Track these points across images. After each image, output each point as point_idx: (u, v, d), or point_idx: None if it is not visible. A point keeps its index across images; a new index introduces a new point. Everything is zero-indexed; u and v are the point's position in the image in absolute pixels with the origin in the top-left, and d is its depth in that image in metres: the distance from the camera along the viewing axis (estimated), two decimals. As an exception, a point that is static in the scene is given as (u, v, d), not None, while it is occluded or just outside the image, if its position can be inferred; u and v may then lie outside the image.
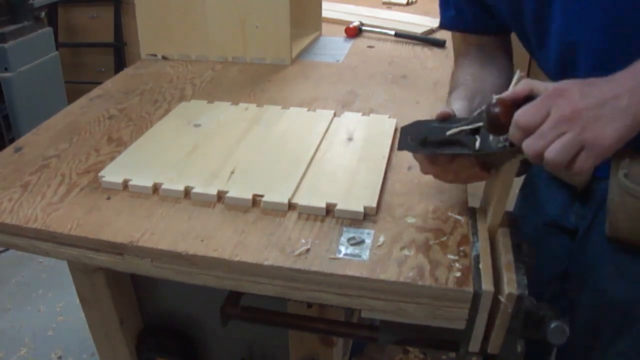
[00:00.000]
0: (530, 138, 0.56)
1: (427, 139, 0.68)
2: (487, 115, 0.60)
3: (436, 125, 0.67)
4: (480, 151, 0.63)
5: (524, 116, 0.57)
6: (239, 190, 0.79)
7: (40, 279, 2.05)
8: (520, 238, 0.72)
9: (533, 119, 0.56)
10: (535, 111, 0.56)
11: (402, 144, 0.72)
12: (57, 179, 0.85)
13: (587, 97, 0.55)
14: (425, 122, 0.70)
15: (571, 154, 0.55)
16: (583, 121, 0.54)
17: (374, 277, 0.64)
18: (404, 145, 0.72)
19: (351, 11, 1.86)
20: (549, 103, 0.56)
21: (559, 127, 0.55)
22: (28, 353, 1.74)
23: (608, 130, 0.54)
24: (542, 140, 0.56)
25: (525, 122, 0.56)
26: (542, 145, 0.56)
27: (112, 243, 0.70)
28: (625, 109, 0.54)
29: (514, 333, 0.63)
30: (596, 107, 0.54)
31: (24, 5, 2.32)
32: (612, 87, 0.55)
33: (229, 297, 0.88)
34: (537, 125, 0.56)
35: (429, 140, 0.68)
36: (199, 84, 1.24)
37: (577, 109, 0.54)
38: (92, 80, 2.76)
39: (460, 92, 0.79)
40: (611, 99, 0.54)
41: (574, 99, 0.55)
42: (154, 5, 1.37)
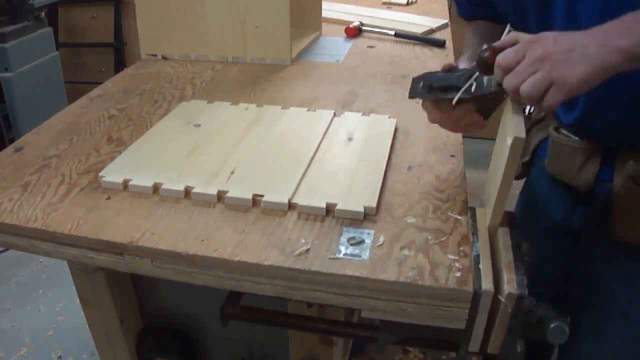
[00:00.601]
0: (509, 75, 0.64)
1: (432, 85, 0.77)
2: (477, 59, 0.70)
3: (441, 75, 0.77)
4: (475, 93, 0.72)
5: (504, 57, 0.65)
6: (239, 190, 0.79)
7: (40, 279, 2.05)
8: (520, 238, 0.72)
9: (511, 60, 0.64)
10: (514, 53, 0.64)
11: (413, 91, 0.81)
12: (57, 179, 0.85)
13: (559, 43, 0.62)
14: (433, 73, 0.80)
15: (542, 89, 0.62)
16: (553, 61, 0.61)
17: (374, 277, 0.64)
18: (414, 92, 0.80)
19: (351, 11, 1.86)
20: (526, 47, 0.64)
21: (532, 66, 0.62)
22: (28, 353, 1.74)
23: (575, 70, 0.60)
24: (517, 76, 0.63)
25: (505, 62, 0.65)
26: (517, 80, 0.63)
27: (112, 243, 0.70)
28: (592, 55, 0.60)
29: (514, 333, 0.63)
30: (566, 51, 0.61)
31: (24, 5, 2.32)
32: (583, 37, 0.62)
33: (229, 297, 0.88)
34: (514, 65, 0.64)
35: (434, 87, 0.77)
36: (199, 84, 1.24)
37: (549, 51, 0.62)
38: (92, 80, 2.76)
39: (468, 54, 0.89)
40: (580, 46, 0.61)
41: (547, 44, 0.62)
42: (154, 5, 1.37)
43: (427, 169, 0.87)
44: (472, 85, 0.72)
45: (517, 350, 0.65)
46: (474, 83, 0.72)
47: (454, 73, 0.76)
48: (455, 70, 0.78)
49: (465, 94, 0.72)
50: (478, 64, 0.70)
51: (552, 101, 0.62)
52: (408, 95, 0.81)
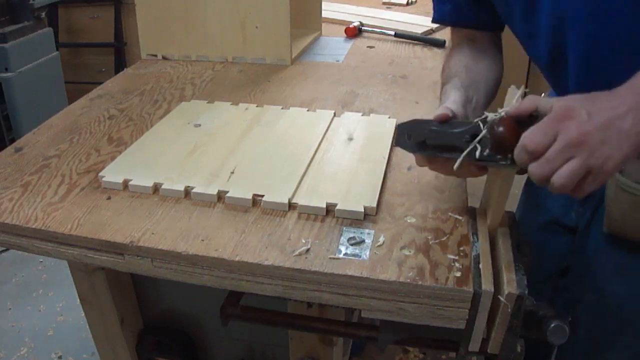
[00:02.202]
0: (538, 162, 0.56)
1: (426, 142, 0.68)
2: (490, 134, 0.60)
3: (436, 129, 0.67)
4: (482, 160, 0.63)
5: (532, 140, 0.56)
6: (239, 190, 0.79)
7: (40, 278, 2.05)
8: (520, 238, 0.72)
9: (541, 144, 0.56)
10: (544, 134, 0.56)
11: (400, 141, 0.72)
12: (57, 179, 0.85)
13: (593, 118, 0.54)
14: (423, 122, 0.70)
15: (578, 180, 0.55)
16: (590, 146, 0.54)
17: (374, 277, 0.64)
18: (402, 143, 0.72)
19: (351, 11, 1.86)
20: (556, 126, 0.55)
21: (566, 152, 0.54)
22: (28, 353, 1.74)
23: (614, 155, 0.54)
24: (549, 164, 0.55)
25: (534, 147, 0.56)
26: (549, 170, 0.56)
27: (112, 243, 0.70)
28: (630, 131, 0.54)
29: (514, 333, 0.63)
30: (602, 130, 0.54)
31: (25, 6, 2.32)
32: (616, 105, 0.55)
33: (229, 297, 0.88)
34: (545, 149, 0.56)
35: (428, 144, 0.68)
36: (199, 84, 1.24)
37: (585, 131, 0.54)
38: (92, 81, 2.76)
39: (455, 82, 0.80)
40: (616, 119, 0.54)
41: (581, 121, 0.54)
42: (154, 6, 1.37)
43: (427, 169, 0.87)
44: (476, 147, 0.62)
45: (517, 350, 0.65)
46: (478, 147, 0.62)
47: (452, 128, 0.65)
48: (452, 124, 0.66)
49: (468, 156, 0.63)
50: (491, 140, 0.60)
51: (588, 190, 0.56)
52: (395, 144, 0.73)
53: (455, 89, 0.77)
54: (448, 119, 0.68)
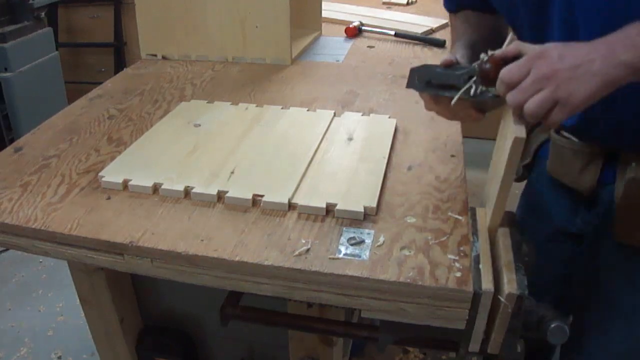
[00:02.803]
0: (513, 91, 0.63)
1: (431, 81, 0.76)
2: (479, 70, 0.69)
3: (440, 71, 0.76)
4: (475, 97, 0.71)
5: (508, 73, 0.64)
6: (239, 190, 0.79)
7: (40, 279, 2.05)
8: (520, 238, 0.72)
9: (515, 76, 0.63)
10: (518, 69, 0.63)
11: (410, 83, 0.80)
12: (57, 179, 0.85)
13: (564, 59, 0.61)
14: (432, 66, 0.78)
15: (546, 108, 0.61)
16: (558, 80, 0.60)
17: (374, 277, 0.64)
18: (411, 84, 0.79)
19: (351, 11, 1.86)
20: (531, 63, 0.62)
21: (537, 84, 0.61)
22: (28, 353, 1.74)
23: (579, 90, 0.59)
24: (522, 94, 0.62)
25: (509, 78, 0.63)
26: (522, 98, 0.62)
27: (112, 243, 0.70)
28: (596, 72, 0.59)
29: (514, 333, 0.63)
30: (571, 69, 0.60)
31: (24, 6, 2.32)
32: (588, 52, 0.61)
33: (229, 297, 0.88)
34: (519, 81, 0.63)
35: (433, 83, 0.76)
36: (199, 84, 1.24)
37: (554, 69, 0.61)
38: (92, 80, 2.76)
39: (463, 41, 0.87)
40: (585, 62, 0.60)
41: (552, 60, 0.61)
42: (154, 5, 1.37)
43: (427, 169, 0.87)
44: (471, 87, 0.71)
45: (517, 350, 0.65)
46: (473, 85, 0.71)
47: (454, 71, 0.75)
48: (455, 68, 0.76)
49: (464, 94, 0.72)
50: (479, 74, 0.69)
51: (555, 119, 0.61)
52: (405, 86, 0.81)
53: (464, 47, 0.85)
54: (452, 64, 0.76)
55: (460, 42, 0.88)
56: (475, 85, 0.71)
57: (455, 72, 0.74)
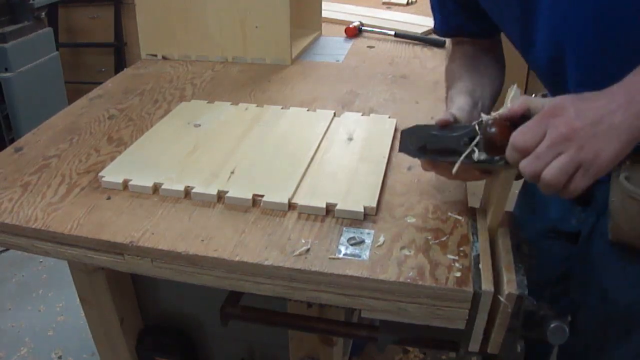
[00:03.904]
0: (527, 159, 0.57)
1: (427, 147, 0.70)
2: (483, 135, 0.61)
3: (436, 134, 0.69)
4: (480, 163, 0.64)
5: (521, 138, 0.57)
6: (239, 190, 0.79)
7: (40, 279, 2.05)
8: (520, 238, 0.72)
9: (530, 141, 0.56)
10: (532, 132, 0.56)
11: (403, 147, 0.74)
12: (57, 179, 0.85)
13: (583, 115, 0.54)
14: (425, 127, 0.71)
15: (569, 175, 0.55)
16: (579, 141, 0.54)
17: (374, 277, 0.64)
18: (405, 149, 0.74)
19: (351, 11, 1.86)
20: (545, 123, 0.56)
21: (555, 148, 0.55)
22: (28, 353, 1.74)
23: (605, 149, 0.53)
24: (539, 161, 0.56)
25: (523, 145, 0.57)
26: (539, 166, 0.56)
27: (112, 243, 0.70)
28: (620, 126, 0.53)
29: (514, 333, 0.63)
30: (592, 125, 0.54)
31: (24, 6, 2.32)
32: (606, 103, 0.55)
33: (229, 297, 0.88)
34: (534, 146, 0.56)
35: (429, 148, 0.69)
36: (199, 84, 1.24)
37: (573, 128, 0.54)
38: (92, 80, 2.76)
39: (460, 86, 0.80)
40: (606, 115, 0.54)
41: (569, 117, 0.55)
42: (154, 5, 1.37)
43: (427, 169, 0.87)
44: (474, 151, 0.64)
45: (517, 350, 0.65)
46: (475, 150, 0.64)
47: (452, 133, 0.67)
48: (452, 129, 0.68)
49: (466, 159, 0.64)
50: (483, 140, 0.62)
51: (579, 186, 0.55)
52: (398, 149, 0.75)
53: (461, 94, 0.77)
54: (448, 124, 0.69)
55: (456, 89, 0.80)
56: (479, 150, 0.63)
57: (453, 135, 0.66)
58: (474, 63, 0.86)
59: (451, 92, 0.81)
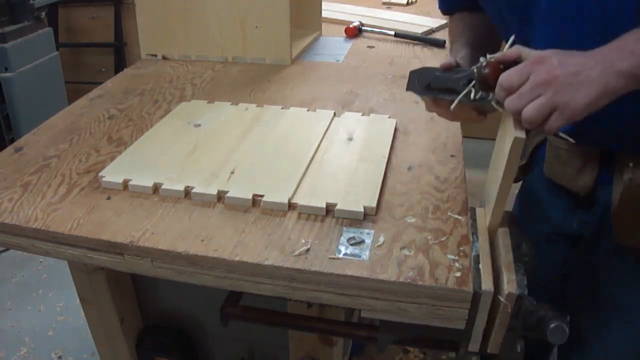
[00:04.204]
0: (511, 97, 0.63)
1: (431, 85, 0.76)
2: (477, 75, 0.68)
3: (439, 74, 0.76)
4: (475, 101, 0.71)
5: (507, 78, 0.63)
6: (239, 190, 0.79)
7: (40, 278, 2.05)
8: (520, 238, 0.72)
9: (515, 81, 0.63)
10: (517, 74, 0.63)
11: (410, 86, 0.80)
12: (57, 179, 0.85)
13: (564, 65, 0.60)
14: (431, 69, 0.78)
15: (545, 114, 0.61)
16: (558, 86, 0.60)
17: (374, 277, 0.64)
18: (411, 87, 0.79)
19: (351, 11, 1.86)
20: (530, 68, 0.62)
21: (535, 90, 0.61)
22: (28, 353, 1.74)
23: (579, 96, 0.59)
24: (520, 99, 0.62)
25: (508, 83, 0.63)
26: (520, 103, 0.62)
27: (112, 243, 0.70)
28: (596, 79, 0.59)
29: (514, 333, 0.63)
30: (570, 75, 0.60)
31: (25, 6, 2.32)
32: (587, 60, 0.60)
33: (229, 297, 0.88)
34: (517, 86, 0.62)
35: (433, 87, 0.76)
36: (199, 84, 1.24)
37: (554, 75, 0.60)
38: (92, 81, 2.76)
39: (461, 41, 0.88)
40: (585, 69, 0.59)
41: (552, 66, 0.61)
42: (154, 6, 1.37)
43: (427, 169, 0.87)
44: (471, 91, 0.71)
45: (517, 350, 0.65)
46: (472, 90, 0.71)
47: (454, 75, 0.75)
48: (455, 71, 0.76)
49: (464, 98, 0.71)
50: (478, 79, 0.68)
51: (553, 126, 0.61)
52: (405, 88, 0.81)
53: (463, 47, 0.85)
54: (452, 67, 0.76)
55: (459, 42, 0.88)
56: (475, 90, 0.71)
57: (454, 76, 0.74)
58: (473, 23, 0.93)
59: (454, 45, 0.90)
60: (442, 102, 0.76)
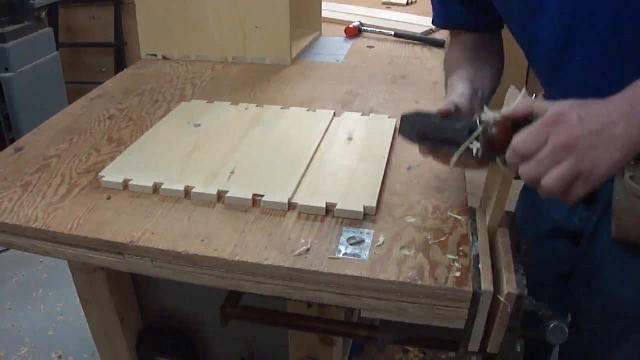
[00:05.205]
0: (528, 164, 0.57)
1: (427, 135, 0.70)
2: (484, 136, 0.61)
3: (437, 122, 0.69)
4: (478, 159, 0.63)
5: (523, 144, 0.56)
6: (239, 190, 0.79)
7: (40, 278, 2.05)
8: (520, 238, 0.72)
9: (532, 147, 0.56)
10: (534, 138, 0.56)
11: (404, 131, 0.75)
12: (57, 179, 0.85)
13: (585, 123, 0.55)
14: (426, 115, 0.71)
15: (568, 183, 0.55)
16: (581, 150, 0.54)
17: (374, 277, 0.64)
18: (405, 133, 0.74)
19: (351, 11, 1.86)
20: (548, 130, 0.56)
21: (556, 156, 0.55)
22: (28, 352, 1.74)
23: (605, 159, 0.54)
24: (539, 167, 0.56)
25: (524, 150, 0.56)
26: (539, 172, 0.56)
27: (112, 243, 0.70)
28: (621, 137, 0.54)
29: (514, 333, 0.63)
30: (593, 135, 0.54)
31: (25, 6, 2.32)
32: (609, 112, 0.55)
33: (229, 297, 0.88)
34: (535, 152, 0.56)
35: (429, 137, 0.70)
36: (199, 84, 1.24)
37: (575, 136, 0.54)
38: (92, 81, 2.76)
39: (461, 73, 0.80)
40: (608, 125, 0.54)
41: (572, 126, 0.55)
42: (154, 6, 1.37)
43: (427, 169, 0.87)
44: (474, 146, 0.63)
45: (516, 350, 0.65)
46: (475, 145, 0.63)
47: (453, 124, 0.67)
48: (454, 119, 0.68)
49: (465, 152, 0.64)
50: (484, 140, 0.61)
51: (577, 194, 0.56)
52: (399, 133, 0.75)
53: (462, 81, 0.77)
54: (450, 114, 0.69)
55: (457, 76, 0.80)
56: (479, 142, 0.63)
57: (454, 126, 0.66)
58: (473, 53, 0.86)
59: (451, 79, 0.81)
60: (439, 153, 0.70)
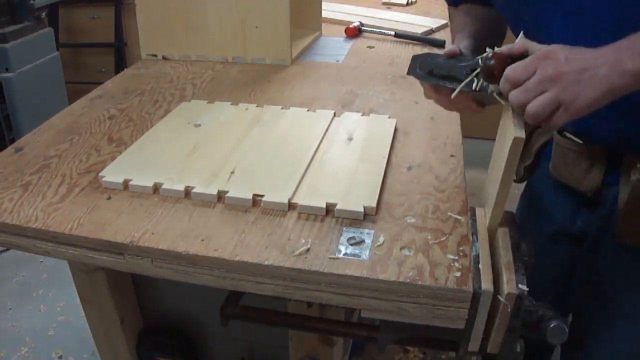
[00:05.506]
0: (516, 90, 0.63)
1: (433, 71, 0.75)
2: (482, 65, 0.68)
3: (443, 61, 0.75)
4: (476, 91, 0.70)
5: (513, 71, 0.63)
6: (239, 190, 0.79)
7: (40, 278, 2.05)
8: (520, 238, 0.72)
9: (521, 75, 0.62)
10: (524, 68, 0.62)
11: (411, 70, 0.79)
12: (57, 179, 0.85)
13: (571, 62, 0.60)
14: (435, 55, 0.78)
15: (549, 110, 0.61)
16: (564, 83, 0.60)
17: (374, 276, 0.64)
18: (412, 72, 0.79)
19: (351, 11, 1.86)
20: (537, 63, 0.62)
21: (541, 85, 0.61)
22: (29, 352, 1.74)
23: (584, 94, 0.59)
24: (526, 93, 0.62)
25: (514, 77, 0.63)
26: (525, 98, 0.62)
27: (112, 243, 0.70)
28: (603, 78, 0.59)
29: (514, 333, 0.63)
30: (577, 72, 0.60)
31: (25, 6, 2.32)
32: (595, 57, 0.60)
33: (229, 297, 0.88)
34: (523, 80, 0.62)
35: (435, 73, 0.75)
36: (199, 84, 1.24)
37: (560, 71, 0.60)
38: (92, 81, 2.76)
39: (466, 32, 0.87)
40: (592, 67, 0.59)
41: (559, 62, 0.61)
42: (154, 6, 1.37)
43: (427, 169, 0.87)
44: (473, 80, 0.70)
45: (516, 350, 0.65)
46: (475, 79, 0.70)
47: (457, 62, 0.74)
48: (458, 59, 0.75)
49: (465, 87, 0.71)
50: (483, 69, 0.68)
51: (557, 122, 0.61)
52: (407, 72, 0.80)
53: (467, 37, 0.85)
54: (456, 55, 0.75)
55: (463, 32, 0.87)
56: (478, 80, 0.70)
57: (458, 64, 0.73)
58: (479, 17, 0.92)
59: (458, 34, 0.88)
60: (442, 89, 0.75)
